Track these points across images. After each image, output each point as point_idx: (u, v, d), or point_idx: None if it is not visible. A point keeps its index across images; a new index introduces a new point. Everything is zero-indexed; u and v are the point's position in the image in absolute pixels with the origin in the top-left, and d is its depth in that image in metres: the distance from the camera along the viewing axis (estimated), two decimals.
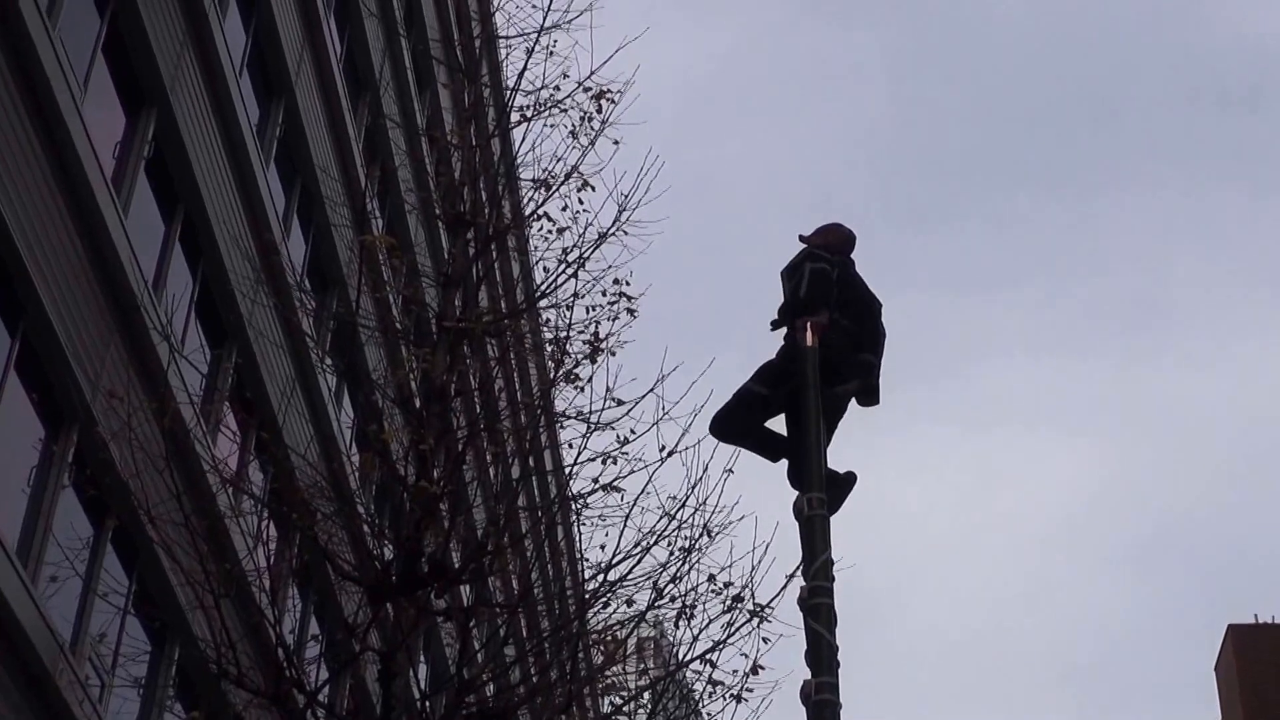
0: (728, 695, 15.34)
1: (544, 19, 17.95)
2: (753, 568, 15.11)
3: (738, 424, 9.83)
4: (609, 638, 16.50)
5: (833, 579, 8.78)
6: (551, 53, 17.92)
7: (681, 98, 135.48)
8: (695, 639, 15.38)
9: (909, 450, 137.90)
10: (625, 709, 17.90)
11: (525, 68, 17.77)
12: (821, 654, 8.46)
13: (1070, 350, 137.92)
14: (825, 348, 9.49)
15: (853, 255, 10.19)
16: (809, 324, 9.49)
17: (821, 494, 9.00)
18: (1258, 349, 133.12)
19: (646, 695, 18.19)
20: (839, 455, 9.40)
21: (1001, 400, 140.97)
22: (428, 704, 15.39)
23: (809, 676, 8.45)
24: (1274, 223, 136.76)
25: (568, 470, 16.50)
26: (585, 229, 17.15)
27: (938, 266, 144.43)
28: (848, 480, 9.63)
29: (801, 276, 9.75)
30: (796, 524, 9.06)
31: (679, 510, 15.48)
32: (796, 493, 9.24)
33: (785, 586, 14.74)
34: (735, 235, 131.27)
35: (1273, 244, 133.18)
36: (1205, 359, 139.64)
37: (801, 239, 10.17)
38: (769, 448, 9.83)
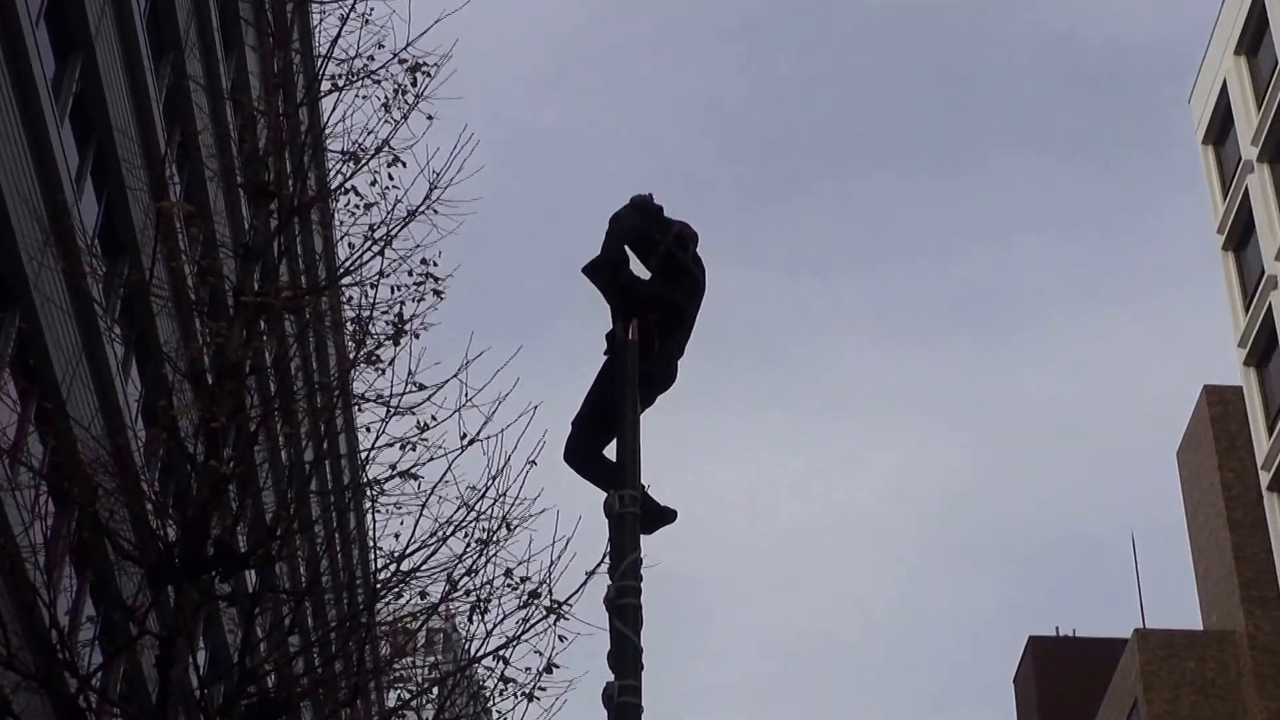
0: (519, 693, 15.40)
1: None
2: (551, 563, 15.00)
3: (583, 450, 9.33)
4: (399, 629, 16.26)
5: (641, 579, 8.50)
6: (367, 20, 17.76)
7: (515, 70, 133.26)
8: (489, 634, 15.31)
9: (738, 435, 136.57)
10: (413, 703, 17.69)
11: (339, 35, 17.66)
12: (626, 655, 8.23)
13: (917, 338, 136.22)
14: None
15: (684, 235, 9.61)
16: (631, 323, 9.13)
17: (635, 491, 8.71)
18: (1098, 347, 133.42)
19: (435, 689, 17.96)
20: (668, 438, 9.02)
21: (839, 387, 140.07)
22: (206, 692, 15.08)
23: (612, 679, 8.18)
24: (1129, 215, 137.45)
25: (364, 455, 16.26)
26: (394, 206, 16.96)
27: (785, 245, 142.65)
28: (665, 515, 9.23)
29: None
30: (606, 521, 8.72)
31: (478, 501, 15.44)
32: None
33: (585, 584, 14.68)
34: (562, 216, 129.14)
35: (1124, 235, 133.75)
36: (1047, 355, 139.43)
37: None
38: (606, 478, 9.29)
